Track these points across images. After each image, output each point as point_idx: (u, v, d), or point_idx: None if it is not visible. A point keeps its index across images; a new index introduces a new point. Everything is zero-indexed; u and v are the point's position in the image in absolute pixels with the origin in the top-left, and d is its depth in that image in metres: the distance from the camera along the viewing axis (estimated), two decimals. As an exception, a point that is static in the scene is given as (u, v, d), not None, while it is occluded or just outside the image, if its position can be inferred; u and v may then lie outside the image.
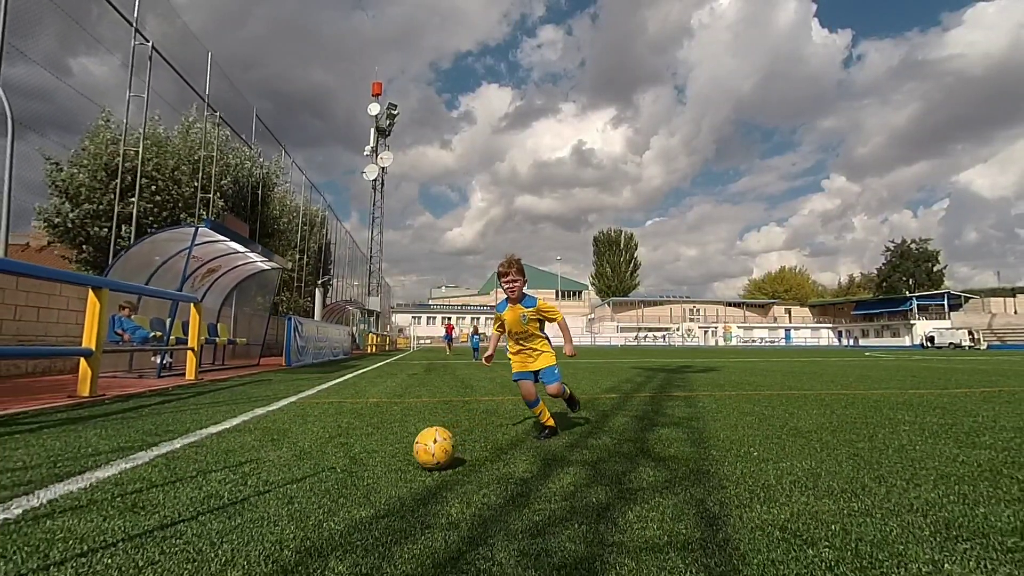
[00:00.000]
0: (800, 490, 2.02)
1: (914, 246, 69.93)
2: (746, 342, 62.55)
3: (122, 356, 8.09)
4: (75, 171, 11.62)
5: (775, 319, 71.74)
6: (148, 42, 10.15)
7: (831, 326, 68.40)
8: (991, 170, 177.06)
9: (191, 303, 7.25)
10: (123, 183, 10.59)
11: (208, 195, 12.88)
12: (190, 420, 3.68)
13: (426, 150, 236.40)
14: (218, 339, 9.93)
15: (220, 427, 3.39)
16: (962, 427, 3.49)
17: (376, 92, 38.94)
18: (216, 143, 13.46)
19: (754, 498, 1.91)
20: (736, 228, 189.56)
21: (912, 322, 58.13)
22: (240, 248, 9.10)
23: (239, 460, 2.48)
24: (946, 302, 59.00)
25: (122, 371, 7.87)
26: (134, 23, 9.82)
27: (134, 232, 10.55)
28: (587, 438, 3.08)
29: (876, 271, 73.67)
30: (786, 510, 1.78)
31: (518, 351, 3.25)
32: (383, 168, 39.45)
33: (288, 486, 2.06)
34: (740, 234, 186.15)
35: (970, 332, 49.63)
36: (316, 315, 21.39)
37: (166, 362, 7.60)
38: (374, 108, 38.35)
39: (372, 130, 38.61)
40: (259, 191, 16.29)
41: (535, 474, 2.27)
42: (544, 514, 1.75)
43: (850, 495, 1.95)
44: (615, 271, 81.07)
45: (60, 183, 11.66)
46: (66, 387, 5.74)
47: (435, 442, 2.29)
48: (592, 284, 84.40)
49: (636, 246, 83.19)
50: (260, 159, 16.91)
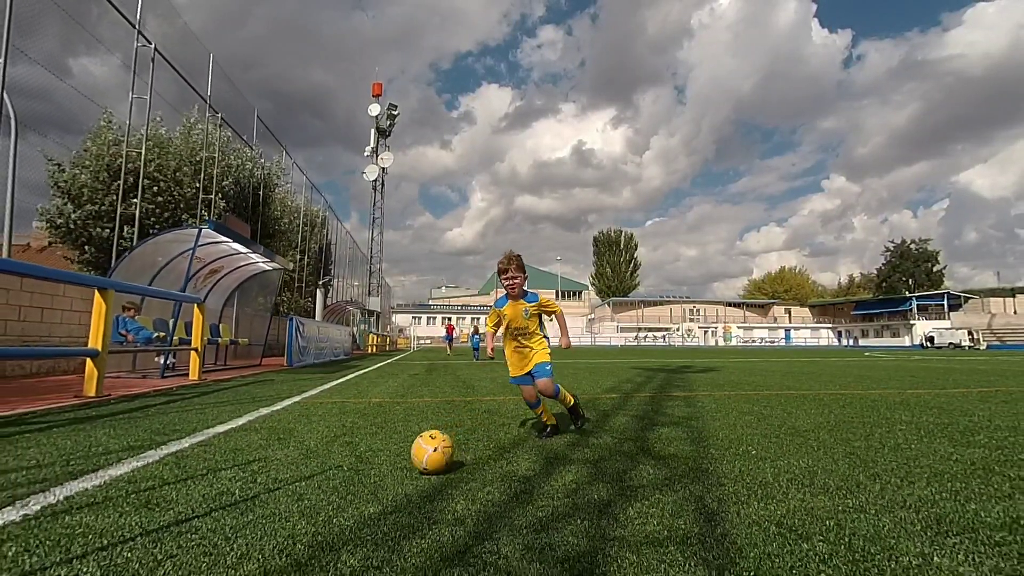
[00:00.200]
0: (796, 487, 2.07)
1: (914, 246, 69.99)
2: (746, 342, 62.60)
3: (126, 356, 8.14)
4: (77, 172, 11.67)
5: (775, 319, 71.79)
6: (150, 44, 10.20)
7: (831, 326, 68.46)
8: (991, 170, 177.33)
9: (194, 304, 7.30)
10: (125, 184, 10.65)
11: (210, 196, 12.94)
12: (196, 420, 3.73)
13: (426, 150, 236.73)
14: (220, 339, 9.98)
15: (227, 426, 3.44)
16: (957, 426, 3.54)
17: (376, 93, 39.01)
18: (218, 144, 13.51)
19: (751, 495, 1.96)
20: (736, 228, 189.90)
21: (912, 322, 58.18)
22: (242, 249, 9.15)
23: (247, 459, 2.53)
24: (946, 302, 59.04)
25: (126, 371, 7.92)
26: (137, 25, 9.87)
27: (136, 233, 10.60)
28: (588, 437, 3.13)
29: (876, 271, 73.74)
30: (782, 506, 1.83)
31: (515, 349, 3.20)
32: (383, 168, 39.52)
33: (297, 483, 2.11)
34: (740, 234, 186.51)
35: (970, 332, 49.68)
36: (317, 315, 21.44)
37: (169, 362, 7.65)
38: (374, 109, 38.42)
39: (372, 131, 38.68)
40: (260, 192, 16.35)
41: (538, 472, 2.32)
42: (547, 510, 1.80)
43: (845, 492, 2.01)
44: (615, 271, 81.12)
45: (62, 184, 11.70)
46: (71, 387, 5.79)
47: (434, 449, 2.27)
48: (592, 284, 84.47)
49: (636, 246, 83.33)
50: (261, 160, 16.97)
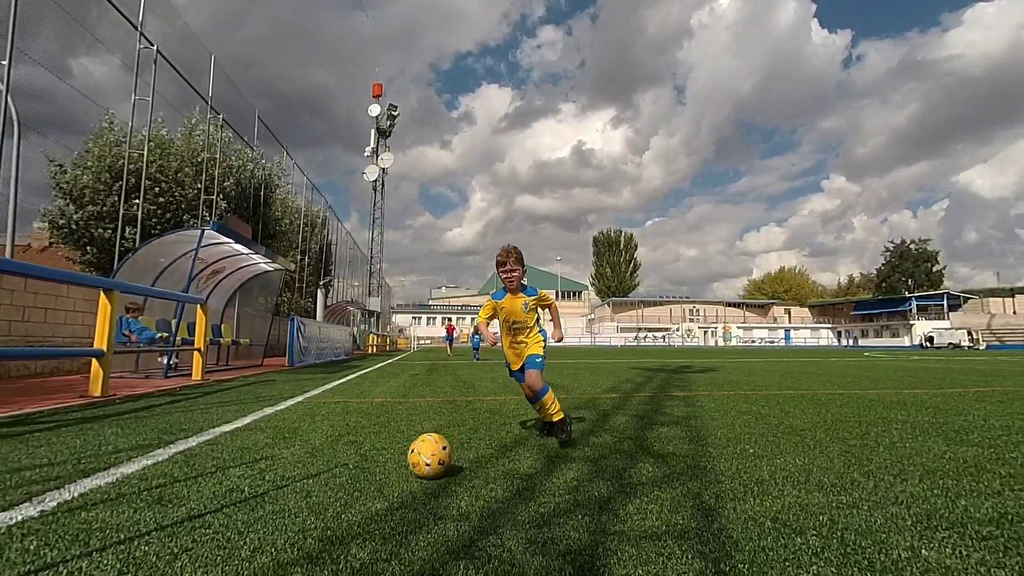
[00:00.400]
0: (792, 484, 2.12)
1: (913, 246, 70.07)
2: (746, 342, 62.66)
3: (129, 357, 8.19)
4: (79, 173, 11.72)
5: (775, 319, 71.85)
6: (153, 46, 10.25)
7: (831, 326, 68.51)
8: (991, 170, 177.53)
9: (197, 304, 7.35)
10: (127, 185, 10.69)
11: (211, 197, 12.99)
12: (202, 419, 3.78)
13: (426, 150, 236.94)
14: (222, 340, 10.02)
15: (232, 426, 3.49)
16: (952, 425, 3.60)
17: (377, 93, 39.07)
18: (219, 145, 13.56)
19: (748, 492, 2.02)
20: (736, 228, 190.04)
21: (911, 322, 58.24)
22: (244, 250, 9.20)
23: (255, 457, 2.58)
24: (945, 302, 59.09)
25: (129, 372, 7.97)
26: (139, 27, 9.91)
27: (139, 234, 10.64)
28: (588, 436, 3.19)
29: (876, 271, 73.82)
30: (778, 503, 1.88)
31: (511, 344, 3.14)
32: (383, 169, 39.57)
33: (304, 481, 2.16)
34: (740, 234, 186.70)
35: (969, 332, 49.74)
36: (318, 316, 21.49)
37: (173, 363, 7.70)
38: (375, 109, 38.48)
39: (372, 131, 38.74)
40: (261, 192, 16.40)
41: (539, 470, 2.37)
42: (549, 506, 1.85)
43: (839, 489, 2.06)
44: (615, 271, 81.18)
45: (64, 185, 11.75)
46: (75, 387, 5.84)
47: (432, 455, 2.22)
48: (592, 284, 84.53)
49: (636, 246, 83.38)
50: (262, 161, 17.02)
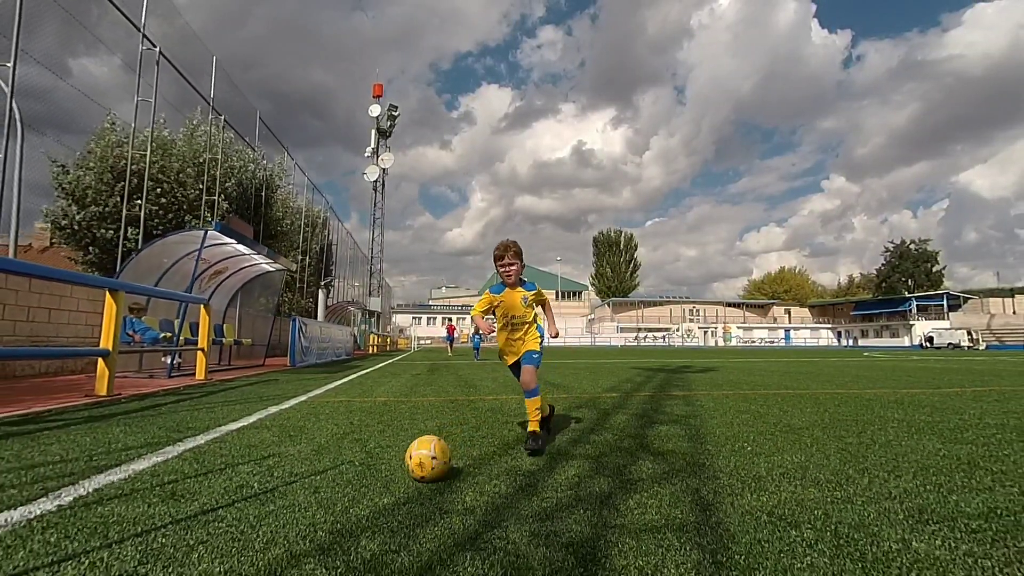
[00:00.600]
0: (788, 481, 2.17)
1: (913, 247, 70.10)
2: (746, 342, 62.70)
3: (132, 357, 8.24)
4: (81, 174, 11.78)
5: (775, 319, 71.88)
6: (155, 47, 10.30)
7: (830, 326, 68.54)
8: (991, 170, 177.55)
9: (200, 304, 7.40)
10: (129, 186, 10.75)
11: (213, 197, 13.04)
12: (208, 418, 3.83)
13: (426, 150, 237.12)
14: (224, 340, 10.07)
15: (239, 424, 3.54)
16: (948, 424, 3.65)
17: (377, 94, 39.08)
18: (220, 146, 13.61)
19: (745, 488, 2.07)
20: (736, 228, 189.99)
21: (911, 323, 58.27)
22: (246, 250, 9.25)
23: (262, 454, 2.64)
24: (945, 303, 59.12)
25: (132, 371, 8.02)
26: (142, 29, 9.97)
27: (142, 234, 10.69)
28: (589, 434, 3.24)
29: (875, 271, 73.84)
30: (774, 498, 1.93)
31: (508, 339, 3.08)
32: (384, 169, 39.60)
33: (312, 477, 2.21)
34: (740, 234, 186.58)
35: (969, 332, 49.78)
36: (319, 316, 21.54)
37: (176, 362, 7.75)
38: (375, 109, 38.49)
39: (373, 131, 38.75)
40: (263, 193, 16.45)
41: (541, 467, 2.43)
42: (551, 501, 1.90)
43: (834, 485, 2.11)
44: (615, 271, 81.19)
45: (67, 186, 11.81)
46: (80, 387, 5.89)
47: (432, 459, 2.15)
48: (592, 285, 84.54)
49: (636, 246, 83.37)
50: (263, 161, 17.08)
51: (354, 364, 13.28)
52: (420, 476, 2.15)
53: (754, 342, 63.52)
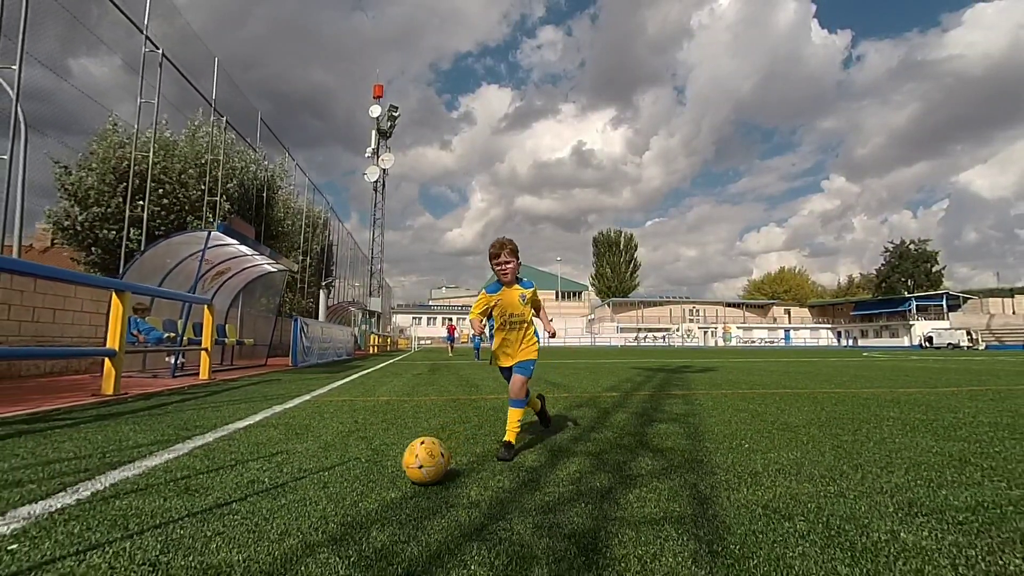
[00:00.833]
0: (783, 476, 2.23)
1: (913, 247, 70.16)
2: (746, 343, 62.76)
3: (136, 356, 8.30)
4: (83, 175, 11.83)
5: (775, 319, 71.95)
6: (158, 49, 10.37)
7: (830, 326, 68.62)
8: (991, 170, 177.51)
9: (204, 305, 7.46)
10: (131, 186, 10.81)
11: (215, 198, 13.11)
12: (214, 416, 3.89)
13: (426, 151, 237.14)
14: (227, 340, 10.14)
15: (245, 422, 3.61)
16: (942, 422, 3.71)
17: (377, 94, 39.15)
18: (222, 147, 13.68)
19: (742, 483, 2.13)
20: (736, 229, 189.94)
21: (911, 323, 58.34)
22: (248, 251, 9.32)
23: (270, 451, 2.70)
24: (945, 303, 59.19)
25: (136, 371, 8.08)
26: (144, 31, 10.03)
27: (144, 235, 10.75)
28: (590, 432, 3.30)
29: (875, 272, 73.92)
30: (769, 492, 2.00)
31: (503, 341, 2.98)
32: (384, 170, 39.66)
33: (320, 473, 2.28)
34: (740, 235, 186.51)
35: (968, 333, 49.86)
36: (320, 316, 21.60)
37: (180, 362, 7.81)
38: (375, 110, 38.55)
39: (373, 132, 38.81)
40: (264, 194, 16.52)
41: (543, 463, 2.49)
42: (554, 496, 1.96)
43: (828, 480, 2.17)
44: (615, 272, 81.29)
45: (69, 187, 11.87)
46: (85, 386, 5.95)
47: (429, 463, 2.13)
48: (592, 285, 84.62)
49: (636, 247, 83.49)
50: (265, 162, 17.14)
51: (355, 364, 13.34)
52: (422, 481, 2.13)
53: (754, 342, 63.59)
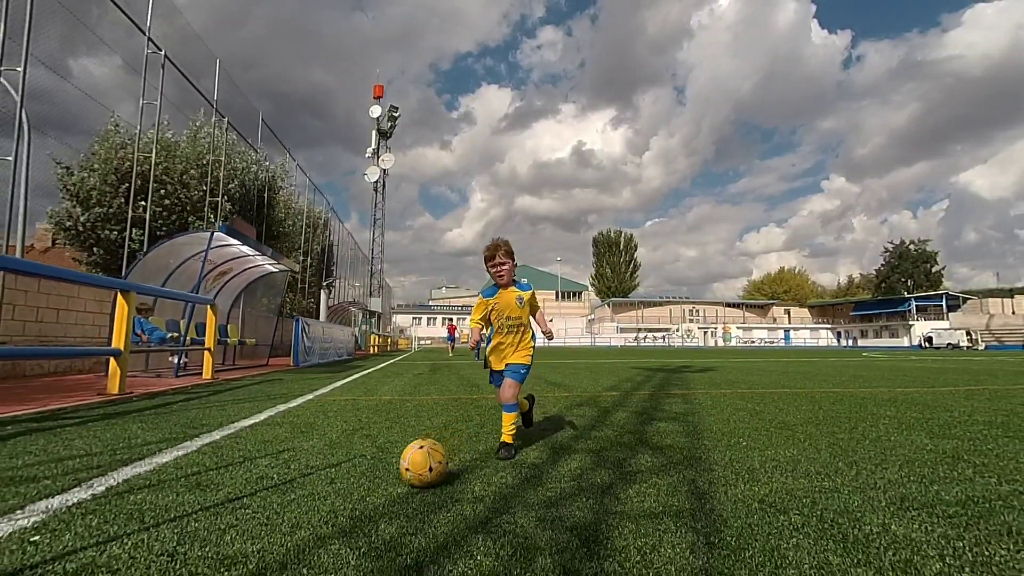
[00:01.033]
0: (780, 472, 2.29)
1: (913, 247, 70.24)
2: (745, 343, 62.82)
3: (139, 356, 8.35)
4: (85, 175, 11.87)
5: (774, 320, 72.02)
6: (161, 51, 10.42)
7: (830, 327, 68.68)
8: (991, 171, 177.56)
9: (207, 305, 7.51)
10: (133, 187, 10.86)
11: (216, 199, 13.16)
12: (220, 415, 3.94)
13: (426, 151, 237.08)
14: (228, 340, 10.19)
15: (251, 421, 3.66)
16: (937, 421, 3.76)
17: (378, 95, 39.22)
18: (224, 148, 13.73)
19: (739, 479, 2.18)
20: (736, 229, 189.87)
21: (911, 323, 58.41)
22: (250, 251, 9.37)
23: (277, 448, 2.75)
24: (944, 303, 59.25)
25: (139, 371, 8.13)
26: (147, 33, 10.08)
27: (147, 236, 10.81)
28: (590, 430, 3.35)
29: (875, 272, 74.01)
30: (765, 488, 2.05)
31: (499, 343, 2.92)
32: (384, 170, 39.72)
33: (327, 469, 2.33)
34: (740, 235, 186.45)
35: (968, 333, 49.93)
36: (321, 316, 21.65)
37: (183, 362, 7.86)
38: (375, 110, 38.62)
39: (373, 132, 38.87)
40: (265, 194, 16.57)
41: (545, 460, 2.54)
42: (555, 491, 2.01)
43: (823, 476, 2.23)
44: (615, 272, 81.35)
45: (71, 187, 11.91)
46: (89, 385, 6.00)
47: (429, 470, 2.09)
48: (592, 285, 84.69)
49: (636, 247, 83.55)
50: (266, 163, 17.20)
51: (356, 364, 13.39)
52: (424, 484, 2.09)
53: (754, 342, 63.64)
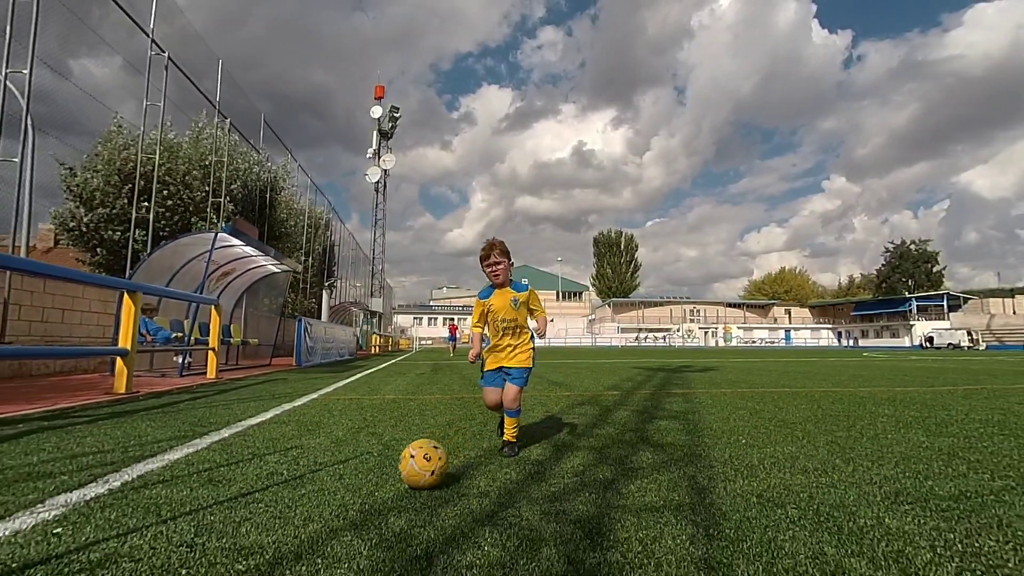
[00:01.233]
0: (778, 469, 2.34)
1: (914, 247, 70.24)
2: (746, 343, 62.83)
3: (143, 356, 8.41)
4: (88, 176, 11.94)
5: (775, 320, 72.03)
6: (164, 52, 10.48)
7: (831, 327, 68.68)
8: (991, 171, 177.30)
9: (211, 305, 7.57)
10: (137, 188, 10.92)
11: (219, 199, 13.22)
12: (227, 414, 4.00)
13: (426, 151, 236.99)
14: (231, 340, 10.25)
15: (257, 419, 3.71)
16: (935, 419, 3.81)
17: (379, 95, 39.30)
18: (226, 148, 13.79)
19: (738, 475, 2.24)
20: (736, 229, 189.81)
21: (911, 323, 58.40)
22: (253, 252, 9.43)
23: (285, 446, 2.80)
24: (945, 303, 59.24)
25: (144, 370, 8.19)
26: (151, 34, 10.15)
27: (150, 236, 10.87)
28: (592, 429, 3.41)
29: (876, 272, 74.02)
30: (764, 483, 2.10)
31: (495, 346, 2.86)
32: (385, 170, 39.80)
33: (336, 466, 2.38)
34: (740, 235, 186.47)
35: (969, 333, 49.92)
36: (323, 316, 21.72)
37: (187, 361, 7.92)
38: (376, 111, 38.72)
39: (374, 133, 38.97)
40: (267, 195, 16.64)
41: (548, 457, 2.59)
42: (559, 486, 2.07)
43: (820, 472, 2.28)
44: (615, 272, 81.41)
45: (74, 188, 11.98)
46: (95, 385, 6.06)
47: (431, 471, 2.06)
48: (592, 285, 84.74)
49: (636, 247, 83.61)
50: (268, 163, 17.26)
51: (358, 364, 13.45)
52: (428, 485, 2.09)
53: (754, 342, 63.65)
